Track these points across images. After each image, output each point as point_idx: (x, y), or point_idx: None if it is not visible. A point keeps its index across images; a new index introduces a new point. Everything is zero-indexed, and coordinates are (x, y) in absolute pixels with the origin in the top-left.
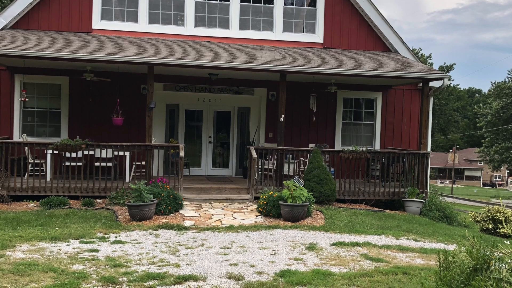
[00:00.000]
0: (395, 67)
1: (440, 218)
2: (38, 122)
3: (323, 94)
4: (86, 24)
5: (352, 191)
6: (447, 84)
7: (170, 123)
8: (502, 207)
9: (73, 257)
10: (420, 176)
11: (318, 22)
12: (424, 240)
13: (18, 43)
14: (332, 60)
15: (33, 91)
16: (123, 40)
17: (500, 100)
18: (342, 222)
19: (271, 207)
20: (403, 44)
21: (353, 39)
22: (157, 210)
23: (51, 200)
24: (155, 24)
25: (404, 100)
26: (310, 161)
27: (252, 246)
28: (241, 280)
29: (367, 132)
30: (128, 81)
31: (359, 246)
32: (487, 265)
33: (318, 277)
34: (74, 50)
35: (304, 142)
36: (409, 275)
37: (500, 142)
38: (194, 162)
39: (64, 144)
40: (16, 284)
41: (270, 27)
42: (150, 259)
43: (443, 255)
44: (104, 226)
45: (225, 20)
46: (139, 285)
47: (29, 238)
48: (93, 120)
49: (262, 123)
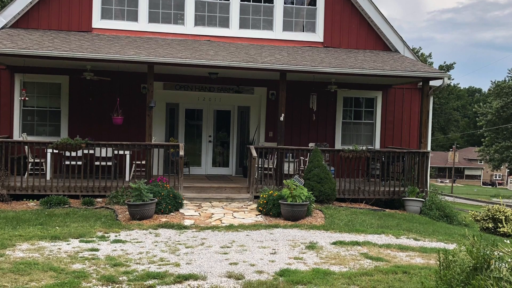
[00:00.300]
0: (395, 66)
1: (440, 217)
2: (38, 121)
3: (323, 93)
4: (86, 23)
5: (352, 190)
6: (447, 83)
7: (170, 122)
8: (502, 206)
9: (73, 256)
10: (420, 175)
11: (318, 21)
12: (424, 239)
13: (18, 42)
14: (332, 59)
15: (33, 90)
16: (123, 39)
17: (500, 99)
18: (342, 221)
19: (271, 206)
20: (403, 43)
21: (353, 38)
22: (157, 209)
23: (51, 199)
24: (155, 23)
25: (404, 99)
26: (310, 160)
27: (252, 245)
28: (241, 279)
29: (367, 131)
30: (128, 80)
31: (359, 245)
32: (487, 264)
33: (318, 276)
34: (74, 49)
35: (304, 141)
36: (409, 274)
37: (500, 141)
38: (194, 161)
39: (64, 143)
40: (16, 283)
41: (270, 26)
42: (150, 258)
43: (443, 254)
44: (104, 225)
45: (225, 19)
46: (139, 284)
47: (29, 237)
48: (93, 119)
49: (262, 122)
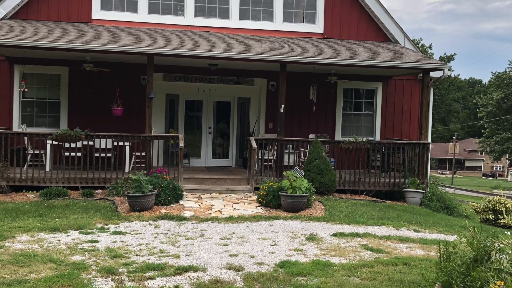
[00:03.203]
0: (396, 57)
1: (440, 209)
2: (37, 112)
3: (323, 84)
4: (85, 14)
5: (353, 181)
6: (447, 74)
7: (170, 114)
8: (503, 198)
9: (73, 248)
10: (421, 166)
11: (318, 12)
12: (425, 230)
13: (17, 33)
14: (332, 50)
15: (32, 82)
16: (122, 30)
17: (500, 91)
18: (342, 212)
19: (271, 198)
20: (404, 35)
21: (353, 29)
22: (157, 201)
23: (51, 191)
24: (154, 14)
25: (405, 91)
26: (310, 151)
27: (252, 237)
28: (241, 271)
29: (367, 123)
30: (128, 72)
31: (359, 236)
32: (488, 256)
33: (318, 268)
34: (74, 40)
35: (304, 132)
36: (409, 265)
37: (501, 133)
38: (194, 153)
39: (64, 134)
40: (15, 274)
41: (270, 17)
42: (150, 250)
43: (444, 246)
44: (103, 216)
45: (225, 10)
46: (139, 276)
47: (28, 229)
48: (92, 110)
49: (262, 113)
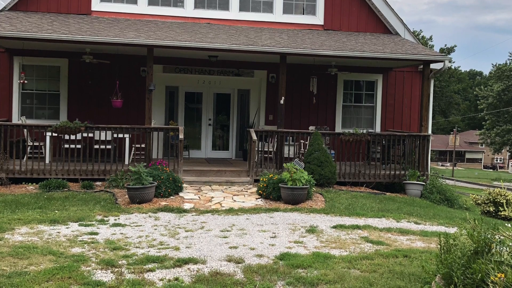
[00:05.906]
0: (396, 49)
1: (441, 201)
2: (37, 104)
3: (323, 76)
4: (85, 6)
5: (353, 173)
6: (448, 66)
7: (170, 106)
8: (503, 190)
9: (72, 240)
10: (421, 158)
11: (318, 4)
12: (425, 223)
13: (17, 25)
14: (333, 42)
15: (32, 73)
16: (122, 22)
17: (501, 82)
18: (342, 204)
19: (271, 190)
20: (404, 26)
21: (353, 21)
22: (157, 193)
23: (50, 183)
24: (154, 6)
25: (405, 82)
26: (310, 143)
27: (252, 229)
28: (241, 263)
29: (368, 115)
30: (128, 63)
31: (360, 229)
32: (488, 248)
33: (319, 260)
34: (73, 32)
35: (304, 124)
36: (409, 258)
37: (501, 125)
38: (194, 145)
39: (63, 126)
40: (15, 267)
41: (270, 9)
42: (150, 242)
43: (444, 238)
44: (103, 208)
45: (225, 1)
46: (139, 268)
47: (28, 221)
48: (92, 102)
49: (262, 105)
